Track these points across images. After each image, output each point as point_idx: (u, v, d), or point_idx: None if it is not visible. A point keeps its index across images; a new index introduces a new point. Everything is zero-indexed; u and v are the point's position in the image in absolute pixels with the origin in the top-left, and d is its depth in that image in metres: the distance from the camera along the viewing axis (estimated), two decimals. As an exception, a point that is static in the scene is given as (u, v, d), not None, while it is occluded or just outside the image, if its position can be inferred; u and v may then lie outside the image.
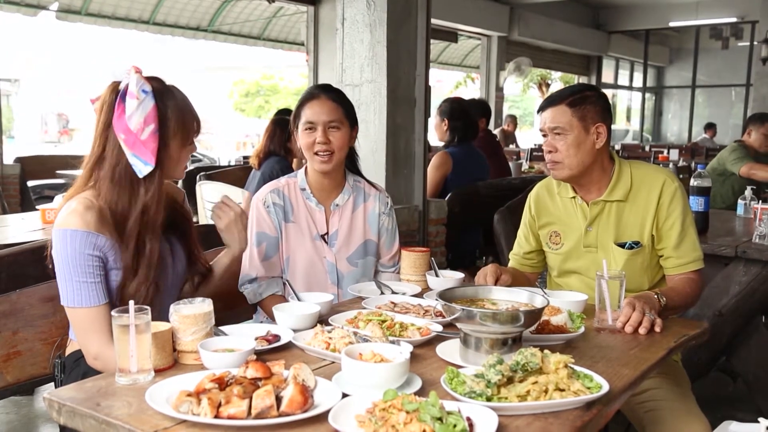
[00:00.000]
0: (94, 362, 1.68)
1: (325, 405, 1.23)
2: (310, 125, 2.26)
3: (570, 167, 2.13)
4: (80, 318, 1.68)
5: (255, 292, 2.27)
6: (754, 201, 3.78)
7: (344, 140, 2.29)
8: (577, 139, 2.11)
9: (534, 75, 18.44)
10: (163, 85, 1.78)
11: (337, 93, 2.35)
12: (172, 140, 1.76)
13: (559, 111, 2.13)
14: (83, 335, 1.69)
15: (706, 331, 1.87)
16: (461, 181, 4.26)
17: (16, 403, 3.42)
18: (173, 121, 1.75)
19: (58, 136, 26.29)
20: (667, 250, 2.14)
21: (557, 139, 2.13)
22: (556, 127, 2.12)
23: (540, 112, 2.20)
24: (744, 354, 3.21)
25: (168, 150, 1.76)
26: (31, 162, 6.81)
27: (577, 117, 2.11)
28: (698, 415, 1.88)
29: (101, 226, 1.69)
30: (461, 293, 1.68)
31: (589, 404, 1.29)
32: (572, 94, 2.14)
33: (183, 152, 1.81)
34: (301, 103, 2.32)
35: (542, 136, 2.20)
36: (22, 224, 3.54)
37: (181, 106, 1.78)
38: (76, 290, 1.67)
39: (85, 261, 1.67)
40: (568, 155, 2.12)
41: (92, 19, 9.42)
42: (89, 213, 1.68)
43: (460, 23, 12.82)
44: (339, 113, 2.28)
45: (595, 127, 2.12)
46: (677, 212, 2.12)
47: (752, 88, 12.91)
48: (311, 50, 8.75)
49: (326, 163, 2.26)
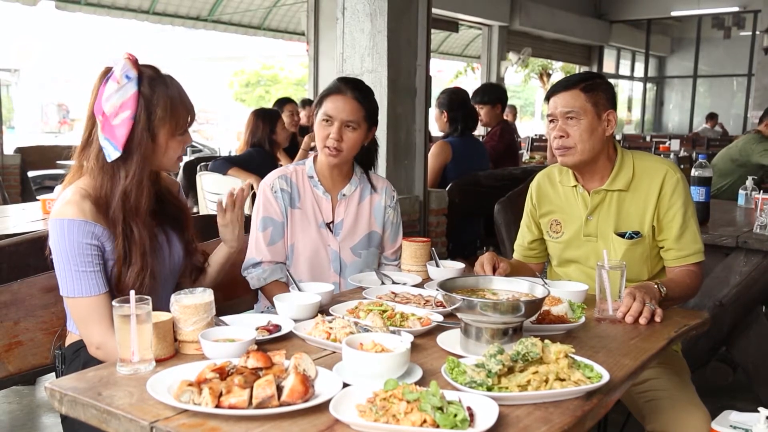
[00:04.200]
0: (97, 352, 1.68)
1: (326, 395, 1.23)
2: (327, 118, 2.25)
3: (581, 153, 2.11)
4: (81, 308, 1.68)
5: (259, 277, 2.27)
6: (755, 191, 3.77)
7: (357, 141, 2.28)
8: (591, 124, 2.09)
9: (535, 65, 18.39)
10: (156, 73, 1.77)
11: (363, 93, 2.30)
12: (159, 129, 1.74)
13: (572, 95, 2.09)
14: (84, 326, 1.69)
15: (707, 321, 1.87)
16: (461, 171, 4.26)
17: (18, 393, 3.43)
18: (161, 109, 1.73)
19: (58, 127, 26.24)
20: (668, 242, 2.13)
21: (569, 124, 2.10)
22: (570, 111, 2.09)
23: (550, 97, 2.15)
24: (744, 344, 3.21)
25: (156, 139, 1.75)
26: (32, 152, 6.82)
27: (591, 102, 2.09)
28: (698, 405, 1.89)
29: (97, 215, 1.69)
30: (462, 283, 1.68)
31: (589, 394, 1.29)
32: (585, 80, 2.12)
33: (172, 142, 1.78)
34: (326, 93, 2.30)
35: (550, 121, 2.15)
36: (22, 214, 3.54)
37: (171, 95, 1.76)
38: (75, 280, 1.66)
39: (83, 250, 1.66)
40: (581, 140, 2.09)
41: (92, 9, 9.40)
42: (85, 202, 1.68)
43: (460, 13, 12.79)
44: (359, 114, 2.26)
45: (606, 114, 2.11)
46: (679, 204, 2.12)
47: (754, 77, 12.91)
48: (312, 40, 8.73)
49: (333, 157, 2.27)
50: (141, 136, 1.72)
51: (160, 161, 1.80)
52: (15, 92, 25.26)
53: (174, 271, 1.91)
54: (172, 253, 1.90)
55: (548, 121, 2.17)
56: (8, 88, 24.10)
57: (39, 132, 23.64)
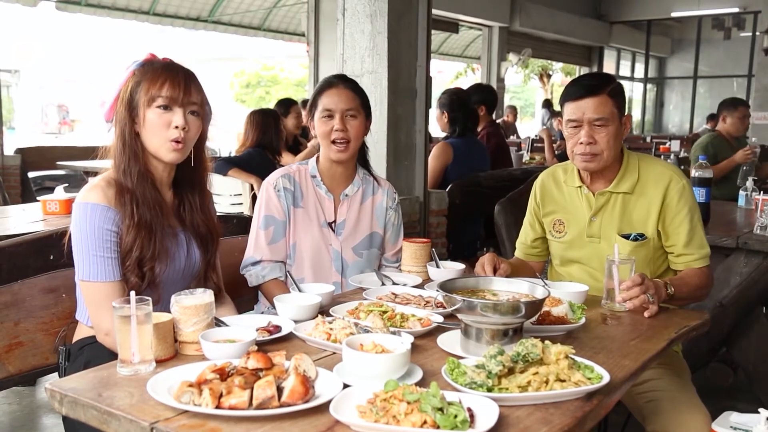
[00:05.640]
0: (105, 338, 1.70)
1: (326, 395, 1.23)
2: (327, 113, 2.29)
3: (607, 159, 2.09)
4: (94, 292, 1.69)
5: (258, 275, 2.27)
6: (755, 192, 3.77)
7: (360, 129, 2.32)
8: (617, 130, 2.07)
9: (535, 66, 18.39)
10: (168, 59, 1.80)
11: (353, 83, 2.38)
12: (140, 100, 1.74)
13: (602, 101, 2.04)
14: (96, 310, 1.70)
15: (707, 322, 1.87)
16: (462, 172, 4.26)
17: (18, 394, 3.43)
18: (143, 82, 1.74)
19: (59, 127, 26.23)
20: (677, 247, 2.13)
21: (598, 131, 2.05)
22: (600, 118, 2.04)
23: (573, 100, 2.07)
24: (744, 345, 3.21)
25: (137, 111, 1.75)
26: (32, 153, 6.82)
27: (617, 108, 2.06)
28: (698, 406, 1.89)
29: (120, 203, 1.71)
30: (462, 284, 1.68)
31: (589, 395, 1.29)
32: (608, 82, 2.07)
33: (149, 113, 1.74)
34: (318, 91, 2.34)
35: (572, 126, 2.08)
36: (22, 215, 3.54)
37: (158, 69, 1.75)
38: (92, 264, 1.68)
39: (103, 235, 1.68)
40: (608, 147, 2.07)
41: (92, 10, 9.41)
42: (110, 189, 1.71)
43: (461, 14, 12.80)
44: (356, 102, 2.31)
45: (625, 119, 2.11)
46: (686, 210, 2.11)
47: (754, 78, 12.88)
48: (312, 41, 8.74)
49: (343, 152, 2.28)
50: (120, 108, 1.75)
51: (145, 140, 1.77)
52: (15, 93, 25.26)
53: (186, 277, 1.88)
54: (190, 255, 1.88)
55: (569, 126, 2.10)
56: (8, 89, 24.11)
57: (39, 133, 23.63)
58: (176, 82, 1.75)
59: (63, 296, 1.96)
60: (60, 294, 1.96)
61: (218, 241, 1.99)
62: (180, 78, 1.76)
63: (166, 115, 1.75)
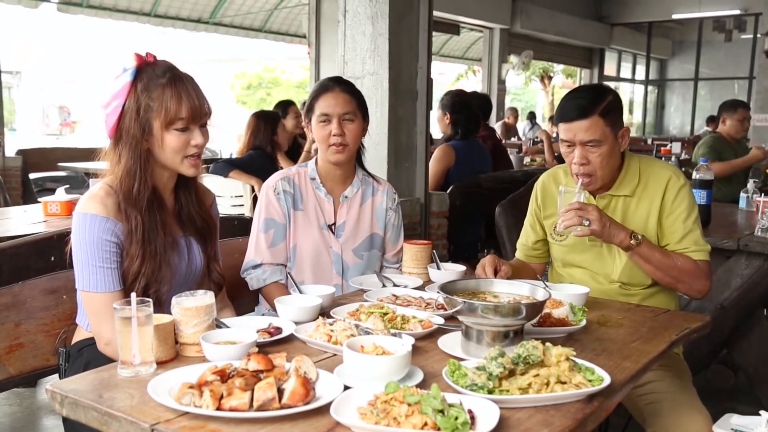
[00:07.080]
0: (105, 347, 1.69)
1: (327, 397, 1.23)
2: (325, 117, 2.28)
3: (602, 178, 2.10)
4: (94, 303, 1.69)
5: (259, 278, 2.27)
6: (756, 194, 3.77)
7: (358, 132, 2.31)
8: (611, 148, 2.05)
9: (536, 68, 18.38)
10: (166, 66, 1.76)
11: (349, 85, 2.37)
12: (154, 120, 1.72)
13: (592, 123, 2.01)
14: (96, 321, 1.70)
15: (708, 324, 1.87)
16: (464, 174, 4.26)
17: (19, 395, 3.44)
18: (153, 100, 1.72)
19: (60, 129, 26.25)
20: (671, 245, 2.13)
21: (590, 151, 2.04)
22: (591, 140, 2.02)
23: (565, 122, 2.06)
24: (745, 347, 3.21)
25: (150, 130, 1.73)
26: (33, 154, 6.82)
27: (610, 126, 2.03)
28: (699, 408, 1.88)
29: (118, 213, 1.71)
30: (463, 286, 1.68)
31: (590, 397, 1.29)
32: (599, 101, 2.03)
33: (168, 135, 1.73)
34: (314, 95, 2.33)
35: (566, 146, 2.08)
36: (24, 216, 3.54)
37: (166, 87, 1.72)
38: (92, 274, 1.68)
39: (102, 246, 1.68)
40: (602, 166, 2.06)
41: (93, 12, 9.42)
42: (109, 198, 1.71)
43: (462, 15, 12.80)
44: (353, 105, 2.30)
45: (621, 132, 2.08)
46: (681, 208, 2.11)
47: (755, 80, 12.89)
48: (313, 42, 8.75)
49: (340, 153, 2.28)
50: (129, 126, 1.72)
51: (158, 155, 1.77)
52: (16, 94, 25.28)
53: (189, 280, 1.88)
54: (191, 261, 1.88)
55: (563, 145, 2.10)
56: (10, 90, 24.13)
57: (40, 134, 23.65)
58: (191, 100, 1.74)
59: (63, 298, 1.96)
60: (60, 295, 1.96)
61: (216, 231, 1.99)
62: (191, 93, 1.75)
63: (184, 136, 1.75)
